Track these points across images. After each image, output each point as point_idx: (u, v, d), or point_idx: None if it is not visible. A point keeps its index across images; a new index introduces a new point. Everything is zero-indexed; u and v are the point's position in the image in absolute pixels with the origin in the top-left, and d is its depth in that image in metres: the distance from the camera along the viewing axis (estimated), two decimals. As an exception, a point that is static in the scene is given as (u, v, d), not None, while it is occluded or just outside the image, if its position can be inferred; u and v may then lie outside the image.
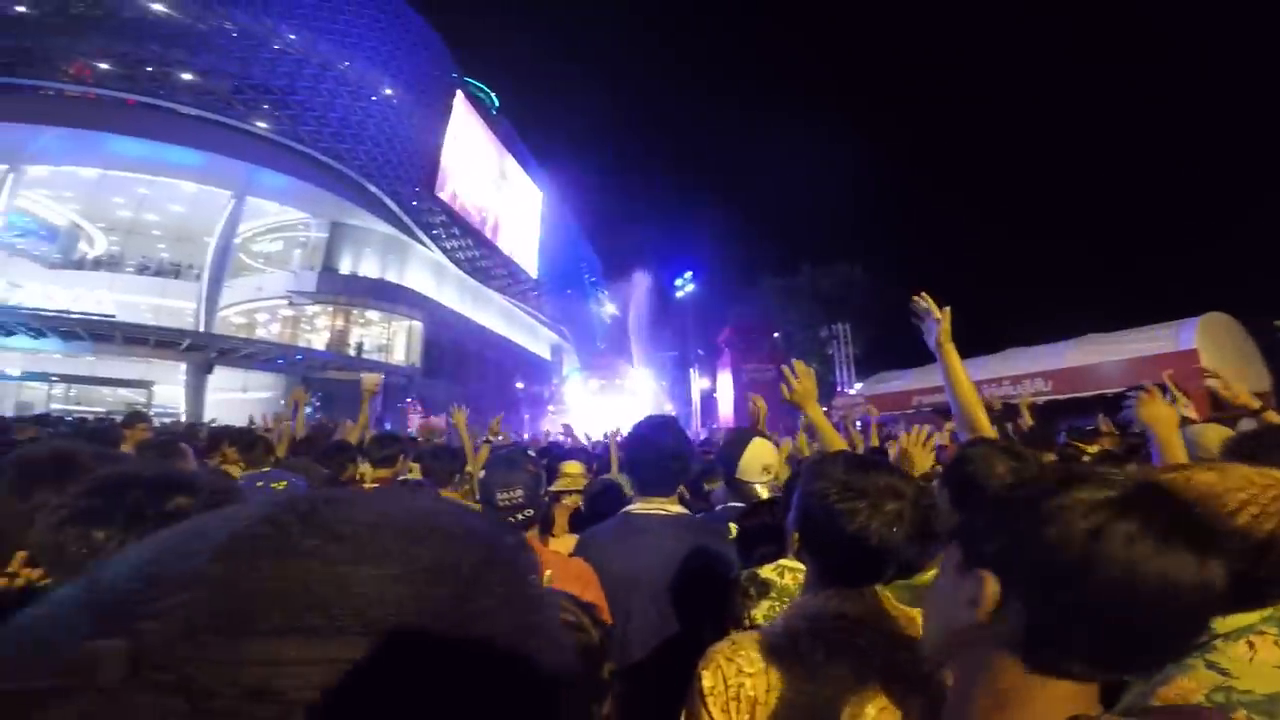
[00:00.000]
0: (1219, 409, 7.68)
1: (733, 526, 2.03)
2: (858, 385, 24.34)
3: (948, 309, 1.93)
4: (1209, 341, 10.41)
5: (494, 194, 42.63)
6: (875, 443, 5.82)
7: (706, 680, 1.02)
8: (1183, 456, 1.57)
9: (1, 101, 22.02)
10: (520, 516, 1.75)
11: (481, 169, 41.39)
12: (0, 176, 22.41)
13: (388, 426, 19.32)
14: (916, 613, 1.10)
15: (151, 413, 22.22)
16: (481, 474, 2.25)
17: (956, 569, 0.67)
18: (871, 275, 30.77)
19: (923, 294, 1.98)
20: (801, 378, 2.19)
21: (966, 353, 1.90)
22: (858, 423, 14.07)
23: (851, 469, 1.12)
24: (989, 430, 1.62)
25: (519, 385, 36.92)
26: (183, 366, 23.32)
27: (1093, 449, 4.34)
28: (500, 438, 6.07)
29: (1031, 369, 13.22)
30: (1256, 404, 2.12)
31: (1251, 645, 0.90)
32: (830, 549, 1.10)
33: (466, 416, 4.40)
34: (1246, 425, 2.06)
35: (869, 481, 1.09)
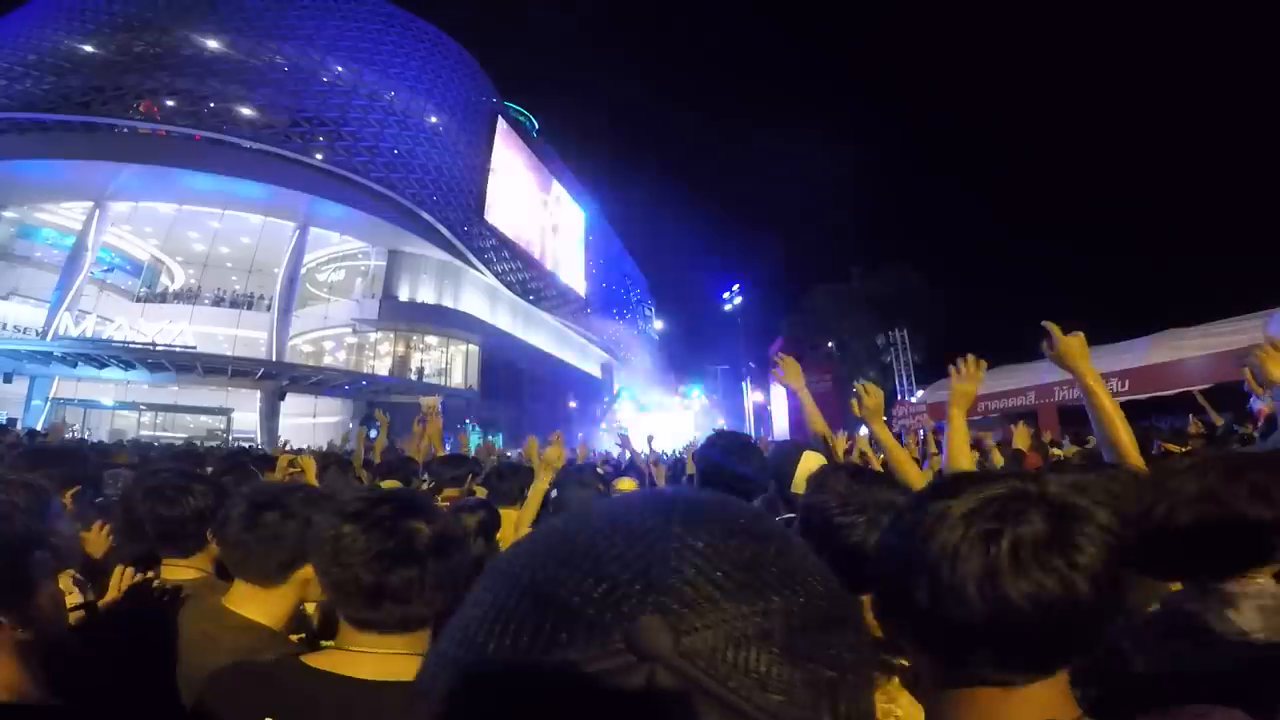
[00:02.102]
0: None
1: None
2: (919, 393, 23.77)
3: (1080, 334, 1.77)
4: (1301, 331, 9.94)
5: (540, 216, 43.40)
6: (934, 451, 5.70)
7: None
8: None
9: (84, 140, 23.25)
10: None
11: (526, 192, 42.20)
12: (88, 213, 23.81)
13: (447, 448, 19.74)
14: None
15: (230, 438, 23.30)
16: (553, 494, 2.33)
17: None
18: (928, 277, 30.08)
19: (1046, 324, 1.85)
20: (871, 393, 2.22)
21: (1024, 357, 1.78)
22: (920, 432, 13.82)
23: (852, 483, 1.16)
24: (1133, 453, 1.48)
25: (571, 404, 37.28)
26: (257, 394, 24.24)
27: (1184, 450, 4.13)
28: (577, 454, 6.20)
29: (1106, 369, 12.71)
30: None
31: None
32: (828, 560, 1.13)
33: (537, 443, 4.44)
34: None
35: (868, 496, 1.13)
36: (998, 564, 0.54)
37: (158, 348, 21.54)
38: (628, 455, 7.36)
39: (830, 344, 30.78)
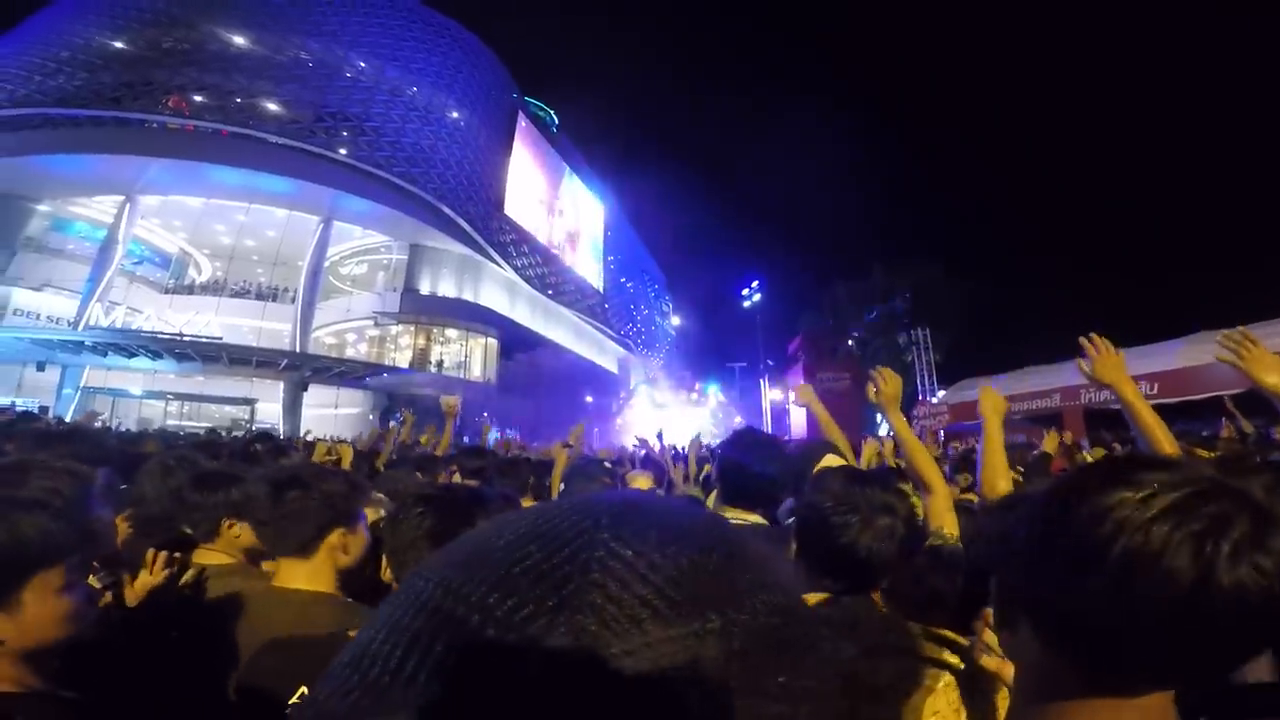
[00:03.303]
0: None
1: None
2: (941, 393, 23.50)
3: (1120, 354, 1.75)
4: (1348, 335, 9.70)
5: (559, 211, 43.54)
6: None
7: None
8: None
9: (115, 134, 23.74)
10: None
11: (545, 187, 42.33)
12: (119, 207, 24.38)
13: (466, 440, 19.93)
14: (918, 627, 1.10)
15: (254, 427, 23.71)
16: (562, 486, 2.32)
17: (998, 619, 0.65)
18: (952, 275, 29.55)
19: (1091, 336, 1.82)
20: (889, 380, 2.17)
21: (1057, 357, 1.75)
22: (940, 433, 13.68)
23: (849, 484, 1.18)
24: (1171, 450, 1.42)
25: (588, 399, 37.38)
26: (281, 385, 24.66)
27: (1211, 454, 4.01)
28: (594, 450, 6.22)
29: (1134, 372, 12.44)
30: None
31: None
32: (822, 558, 1.15)
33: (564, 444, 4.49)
34: None
35: (864, 497, 1.15)
36: (1214, 562, 0.49)
37: (185, 338, 21.99)
38: (642, 453, 7.31)
39: (850, 342, 30.48)
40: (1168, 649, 0.52)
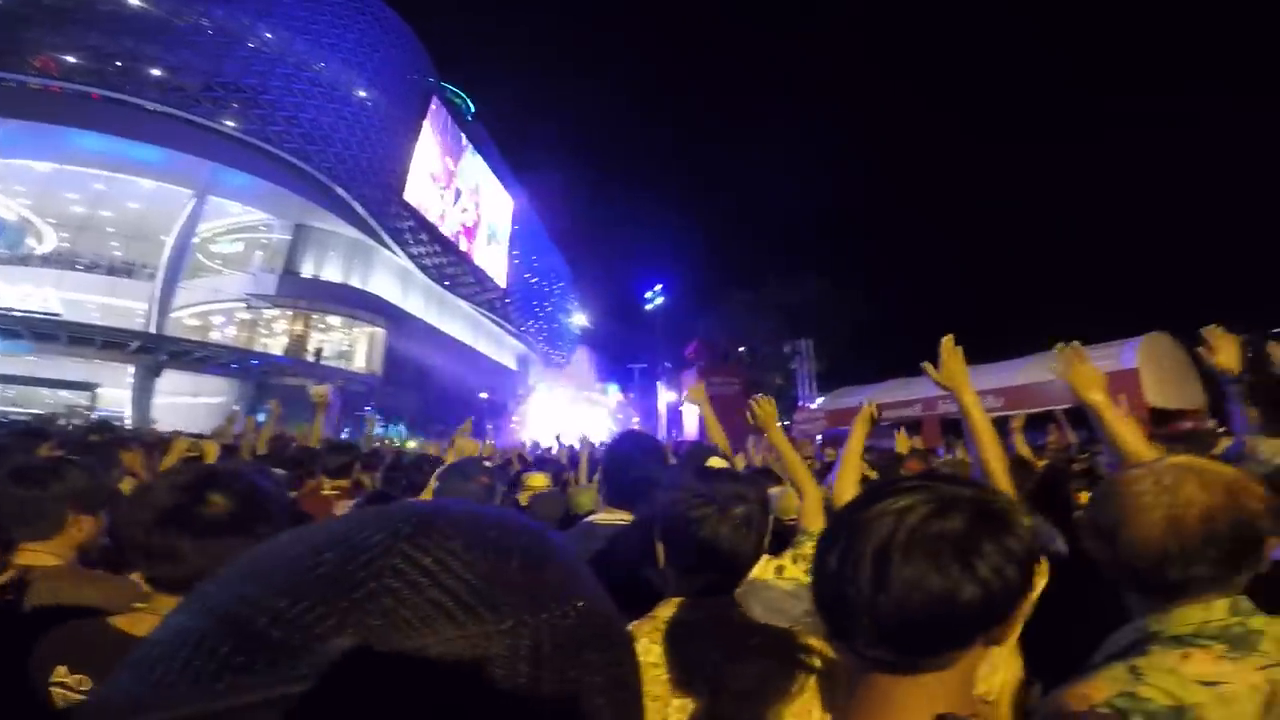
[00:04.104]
0: (1159, 424, 7.88)
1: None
2: (819, 400, 24.51)
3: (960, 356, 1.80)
4: (1150, 360, 10.72)
5: (465, 201, 42.38)
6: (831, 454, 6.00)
7: None
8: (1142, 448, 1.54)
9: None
10: None
11: (453, 175, 41.14)
12: (-54, 168, 21.71)
13: (345, 434, 18.92)
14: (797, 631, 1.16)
15: (94, 416, 21.55)
16: (435, 485, 2.20)
17: None
18: (835, 291, 30.98)
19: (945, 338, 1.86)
20: (763, 404, 2.39)
21: (915, 371, 1.91)
22: (816, 438, 14.26)
23: (702, 478, 1.22)
24: (998, 469, 1.56)
25: (483, 395, 36.52)
26: (130, 369, 22.67)
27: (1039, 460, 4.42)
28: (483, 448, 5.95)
29: (986, 386, 13.53)
30: (1238, 368, 1.96)
31: (1187, 655, 0.90)
32: (687, 555, 1.17)
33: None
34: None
35: (716, 489, 1.18)
36: (950, 569, 0.61)
37: (14, 313, 19.78)
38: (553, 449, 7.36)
39: (741, 349, 31.27)
40: (924, 634, 0.63)
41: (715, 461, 2.18)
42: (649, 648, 1.08)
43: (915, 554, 0.61)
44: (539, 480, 3.49)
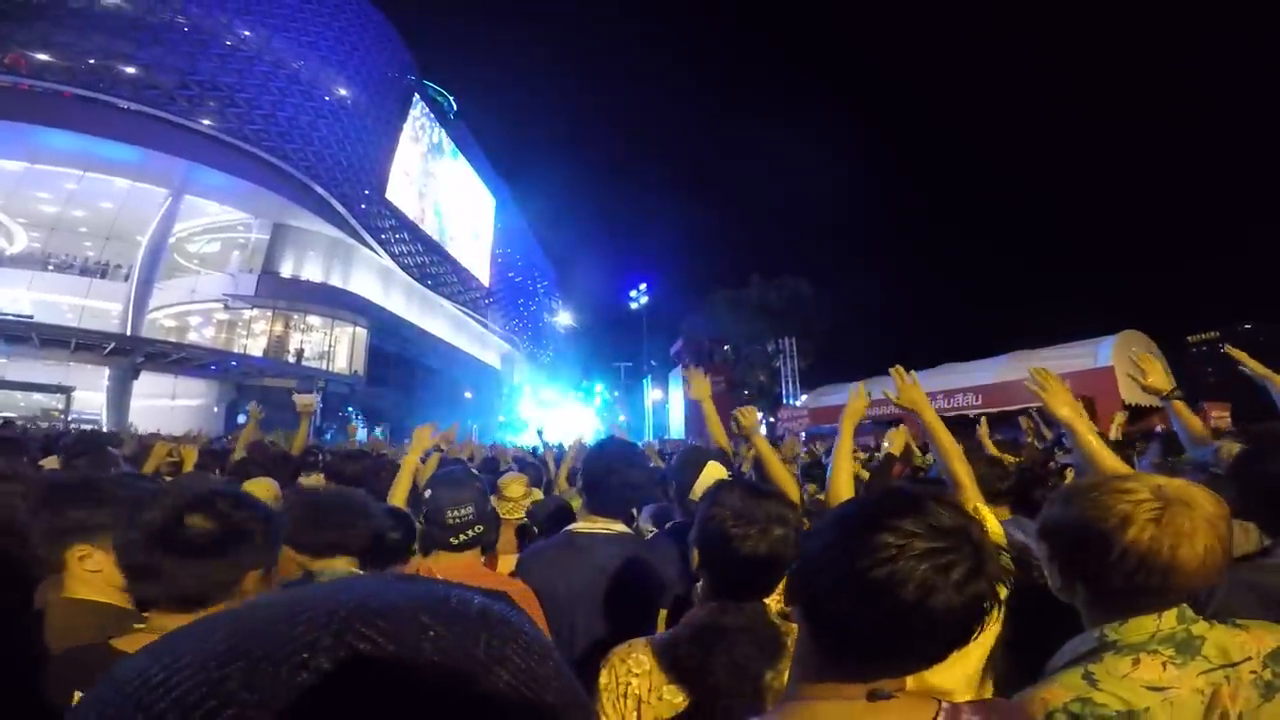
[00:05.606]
0: (1134, 421, 8.02)
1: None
2: (803, 398, 24.73)
3: (916, 381, 2.02)
4: (1124, 358, 10.95)
5: (447, 199, 42.03)
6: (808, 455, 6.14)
7: (603, 678, 1.18)
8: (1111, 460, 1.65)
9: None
10: (471, 533, 1.77)
11: (435, 174, 40.79)
12: (-90, 167, 21.13)
13: (328, 437, 18.71)
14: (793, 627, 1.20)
15: (70, 419, 21.11)
16: (427, 493, 2.16)
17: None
18: (818, 290, 31.29)
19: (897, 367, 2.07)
20: (745, 415, 2.46)
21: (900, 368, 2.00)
22: (801, 434, 14.38)
23: (746, 498, 1.27)
24: (966, 482, 1.64)
25: (467, 394, 36.32)
26: (106, 371, 22.17)
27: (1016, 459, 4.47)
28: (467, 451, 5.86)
29: (964, 384, 13.82)
30: (1169, 386, 2.33)
31: (1137, 662, 0.95)
32: (724, 568, 1.24)
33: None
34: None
35: (760, 509, 1.24)
36: (934, 591, 0.69)
37: (-17, 315, 19.28)
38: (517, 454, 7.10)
39: (726, 348, 31.44)
40: (892, 647, 0.71)
41: (716, 469, 2.20)
42: (693, 652, 1.16)
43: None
44: (517, 484, 3.18)
